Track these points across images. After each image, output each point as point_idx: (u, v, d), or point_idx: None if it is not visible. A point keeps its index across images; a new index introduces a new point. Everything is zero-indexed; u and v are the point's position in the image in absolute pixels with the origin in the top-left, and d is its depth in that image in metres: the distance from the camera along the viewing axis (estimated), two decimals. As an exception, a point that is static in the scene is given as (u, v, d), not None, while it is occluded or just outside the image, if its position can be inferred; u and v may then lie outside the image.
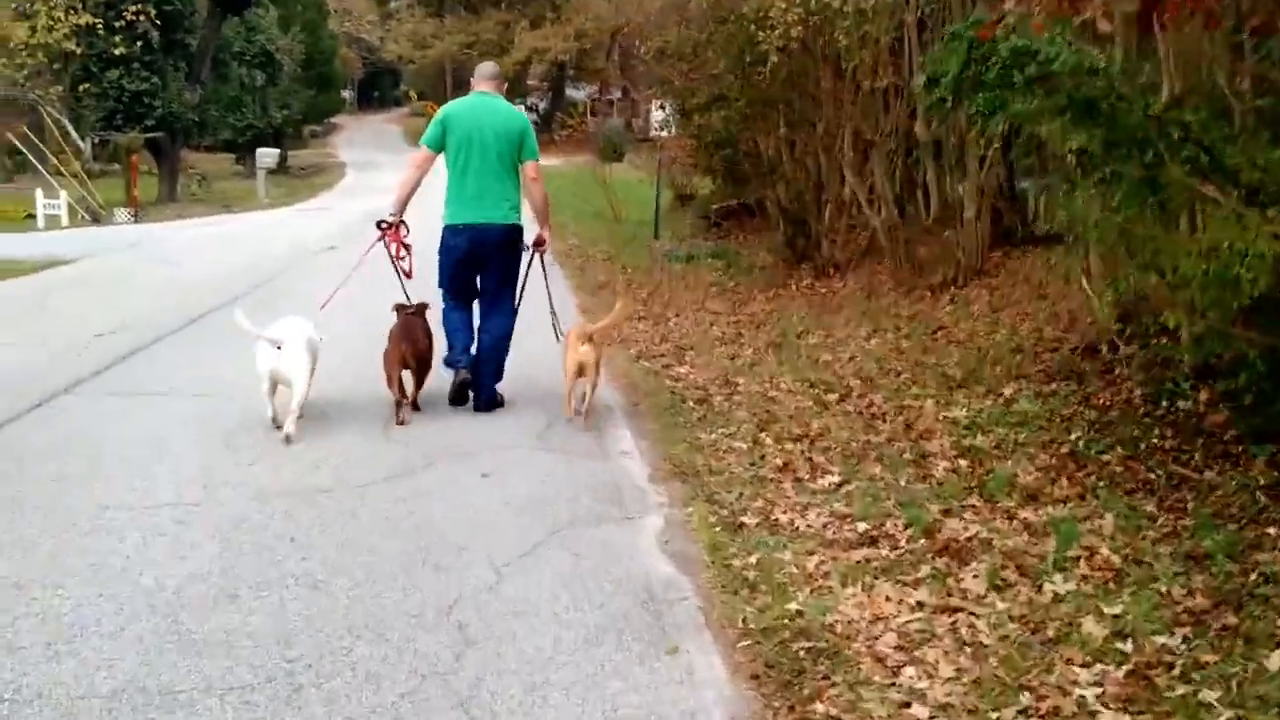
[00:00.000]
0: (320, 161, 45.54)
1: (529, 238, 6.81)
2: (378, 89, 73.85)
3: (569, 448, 5.98)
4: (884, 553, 4.40)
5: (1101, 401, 6.91)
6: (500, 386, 6.86)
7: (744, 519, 4.82)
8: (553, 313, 7.16)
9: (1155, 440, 5.95)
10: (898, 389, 7.72)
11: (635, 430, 6.41)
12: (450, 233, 6.62)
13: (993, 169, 10.96)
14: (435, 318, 6.81)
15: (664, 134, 19.16)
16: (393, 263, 6.80)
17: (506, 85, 7.19)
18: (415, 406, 6.57)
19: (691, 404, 7.09)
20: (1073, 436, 6.22)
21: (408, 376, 6.49)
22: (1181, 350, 6.57)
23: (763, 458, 5.83)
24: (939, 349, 8.96)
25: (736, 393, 7.49)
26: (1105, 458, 5.77)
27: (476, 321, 6.86)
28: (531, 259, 6.91)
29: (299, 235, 18.77)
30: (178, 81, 30.88)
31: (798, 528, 4.73)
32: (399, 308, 6.62)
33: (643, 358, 8.66)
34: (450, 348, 6.78)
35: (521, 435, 6.22)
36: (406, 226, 6.77)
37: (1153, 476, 5.47)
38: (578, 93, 57.36)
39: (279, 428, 5.93)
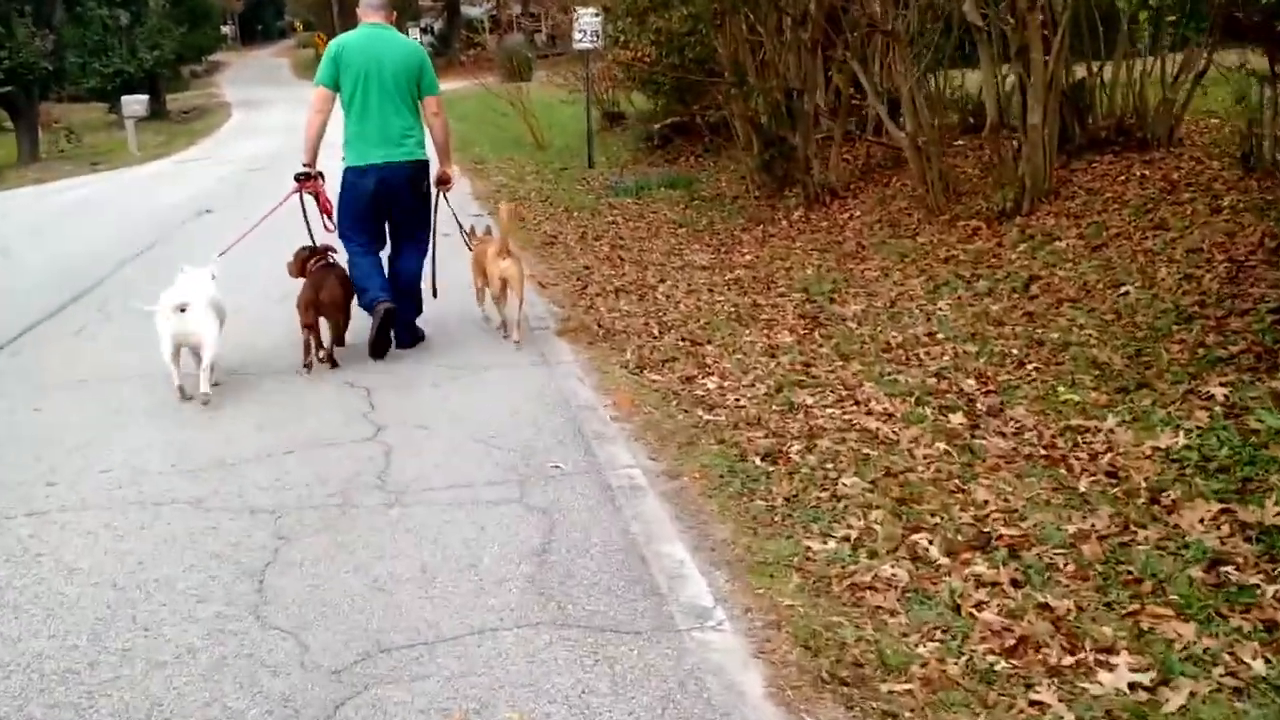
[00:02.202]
0: (203, 103, 41.53)
1: (433, 173, 6.54)
2: (261, 22, 69.10)
3: (592, 611, 3.19)
4: None
5: (1398, 407, 4.42)
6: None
7: None
8: (461, 228, 7.08)
9: None
10: (1043, 395, 5.16)
11: (694, 542, 3.69)
12: (355, 174, 6.28)
13: (1059, 58, 8.35)
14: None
15: (594, 46, 16.19)
16: (321, 216, 6.40)
17: (395, 13, 6.71)
18: (333, 362, 6.21)
19: (758, 463, 4.41)
20: None
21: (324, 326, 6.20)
22: None
23: (956, 607, 3.20)
24: (1050, 315, 6.39)
25: (815, 429, 4.85)
26: None
27: (385, 266, 6.54)
28: (437, 198, 6.62)
29: (169, 197, 15.55)
30: (25, 28, 27.23)
31: None
32: (308, 254, 6.28)
33: (646, 367, 5.95)
34: (363, 291, 6.35)
35: (500, 575, 3.48)
36: (323, 177, 6.39)
37: None
38: (474, 9, 53.34)
39: (185, 398, 5.57)
